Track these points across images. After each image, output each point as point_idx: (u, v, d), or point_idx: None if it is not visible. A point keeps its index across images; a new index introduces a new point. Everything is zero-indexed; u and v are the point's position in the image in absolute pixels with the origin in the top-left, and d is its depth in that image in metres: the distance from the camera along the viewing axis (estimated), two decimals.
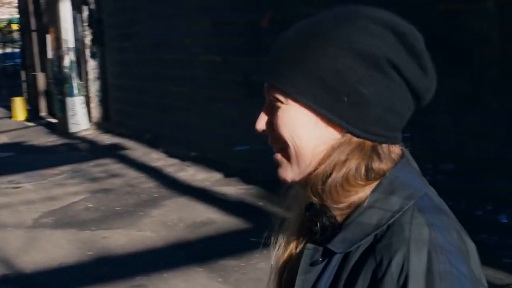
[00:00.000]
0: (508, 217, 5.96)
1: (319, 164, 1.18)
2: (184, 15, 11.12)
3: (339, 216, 1.18)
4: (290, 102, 1.18)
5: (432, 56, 1.18)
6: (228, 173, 9.24)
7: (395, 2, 6.42)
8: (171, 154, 10.98)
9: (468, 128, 6.03)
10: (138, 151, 11.82)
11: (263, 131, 1.25)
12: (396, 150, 1.21)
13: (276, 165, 1.25)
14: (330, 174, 1.17)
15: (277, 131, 1.21)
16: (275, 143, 1.23)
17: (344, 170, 1.16)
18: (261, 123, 1.24)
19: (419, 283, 1.06)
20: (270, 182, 8.37)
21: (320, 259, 1.19)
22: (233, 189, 8.51)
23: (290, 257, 1.32)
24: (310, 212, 1.25)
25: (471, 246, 1.15)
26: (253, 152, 9.82)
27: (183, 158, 10.56)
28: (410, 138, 1.30)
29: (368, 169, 1.17)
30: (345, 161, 1.16)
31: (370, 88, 1.13)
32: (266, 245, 5.30)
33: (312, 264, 1.20)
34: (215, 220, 7.20)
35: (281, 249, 1.34)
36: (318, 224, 1.22)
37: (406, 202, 1.14)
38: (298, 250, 1.30)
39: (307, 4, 8.23)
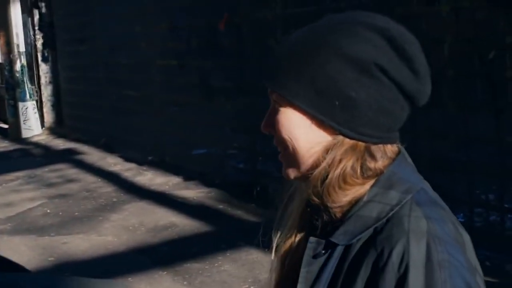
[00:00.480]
0: (465, 216, 6.11)
1: (316, 165, 1.26)
2: (139, 19, 11.07)
3: (339, 213, 1.26)
4: (287, 105, 1.25)
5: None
6: (187, 177, 9.24)
7: (354, 8, 6.55)
8: (127, 159, 10.92)
9: (425, 129, 6.17)
10: (94, 155, 11.72)
11: (268, 132, 1.31)
12: (392, 148, 1.29)
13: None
14: (327, 175, 1.24)
15: (277, 132, 1.29)
16: (278, 144, 1.32)
17: (339, 170, 1.23)
18: (265, 124, 1.31)
19: (419, 272, 1.13)
20: (229, 185, 8.45)
21: (323, 252, 1.26)
22: (192, 192, 8.52)
23: (291, 248, 1.39)
24: (311, 207, 1.32)
25: (467, 237, 1.22)
26: (210, 156, 9.85)
27: (140, 162, 10.51)
28: None
29: (363, 168, 1.24)
30: (340, 161, 1.24)
31: (359, 91, 1.20)
32: (229, 247, 5.40)
33: (315, 256, 1.27)
34: (177, 223, 7.21)
35: (282, 241, 1.41)
36: (319, 219, 1.30)
37: (404, 196, 1.21)
38: (298, 242, 1.38)
39: (264, 7, 8.32)
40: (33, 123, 15.09)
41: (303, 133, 1.25)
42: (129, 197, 8.59)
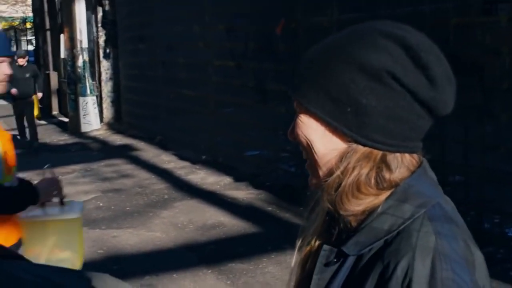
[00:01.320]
0: None
1: (331, 172, 1.28)
2: (198, 19, 11.22)
3: (353, 222, 1.27)
4: (305, 112, 1.29)
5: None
6: (238, 178, 9.33)
7: (409, 17, 6.53)
8: (181, 157, 11.08)
9: (477, 140, 6.11)
10: (149, 152, 11.92)
11: (293, 139, 1.35)
12: (412, 159, 1.28)
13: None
14: (341, 183, 1.26)
15: (296, 138, 1.33)
16: (303, 152, 1.35)
17: (352, 178, 1.24)
18: (290, 131, 1.35)
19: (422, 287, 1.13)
20: (279, 188, 8.50)
21: (335, 260, 1.28)
22: (242, 193, 8.60)
23: (310, 254, 1.41)
24: (329, 215, 1.35)
25: (479, 257, 1.21)
26: (263, 158, 9.92)
27: (194, 161, 10.66)
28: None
29: (378, 178, 1.25)
30: (353, 169, 1.24)
31: (370, 98, 1.21)
32: (275, 249, 5.44)
33: (328, 264, 1.30)
34: (225, 223, 7.29)
35: (304, 248, 1.44)
36: (336, 227, 1.32)
37: (417, 210, 1.21)
38: (317, 249, 1.39)
39: (319, 14, 8.34)
40: (93, 118, 15.42)
41: (319, 140, 1.28)
42: (181, 194, 8.72)
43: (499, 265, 5.57)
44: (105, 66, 15.69)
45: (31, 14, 27.14)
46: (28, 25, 36.25)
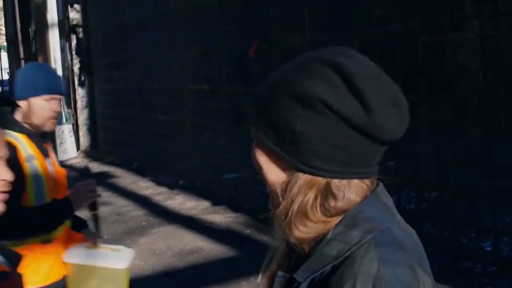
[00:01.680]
0: (492, 245, 6.05)
1: (281, 199, 1.29)
2: (172, 44, 11.25)
3: (306, 248, 1.29)
4: (257, 140, 1.32)
5: (411, 87, 1.26)
6: (216, 201, 9.31)
7: (379, 36, 6.60)
8: (159, 183, 11.04)
9: (450, 156, 6.15)
10: (126, 179, 11.87)
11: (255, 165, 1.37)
12: (361, 184, 1.29)
13: None
14: (288, 211, 1.27)
15: (255, 166, 1.35)
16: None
17: (297, 206, 1.25)
18: (253, 159, 1.37)
19: None
20: (257, 210, 8.48)
21: (290, 287, 1.29)
22: (220, 217, 8.58)
23: (271, 282, 1.42)
24: (287, 243, 1.36)
25: (427, 282, 1.22)
26: (240, 180, 9.91)
27: (171, 186, 10.62)
28: (393, 167, 1.39)
29: (324, 206, 1.25)
30: (297, 196, 1.25)
31: (305, 125, 1.22)
32: (253, 272, 5.41)
33: None
34: (203, 248, 7.26)
35: (266, 273, 1.45)
36: (293, 255, 1.34)
37: (365, 236, 1.22)
38: (275, 277, 1.39)
39: (292, 35, 8.40)
40: (69, 146, 15.34)
41: (267, 167, 1.30)
42: (158, 221, 8.68)
43: (477, 280, 5.60)
44: (80, 93, 15.64)
45: (5, 44, 27.05)
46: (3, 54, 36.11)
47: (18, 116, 3.19)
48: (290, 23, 8.53)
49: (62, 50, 15.72)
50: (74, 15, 15.61)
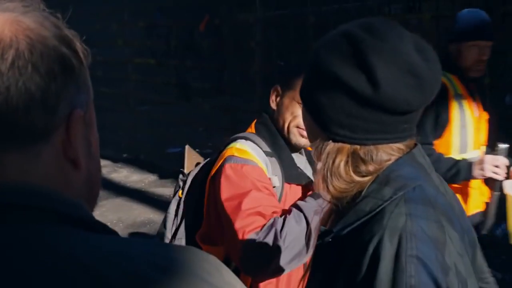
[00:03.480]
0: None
1: (318, 162, 1.43)
2: (116, 16, 11.11)
3: (345, 205, 1.41)
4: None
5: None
6: (162, 175, 9.29)
7: (335, 14, 6.69)
8: (102, 156, 10.83)
9: None
10: None
11: None
12: (393, 147, 1.38)
13: None
14: (324, 172, 1.39)
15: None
16: None
17: (330, 167, 1.38)
18: None
19: (388, 265, 1.24)
20: None
21: (330, 240, 1.41)
22: (169, 190, 8.57)
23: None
24: (333, 203, 1.47)
25: (453, 237, 1.31)
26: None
27: (115, 159, 10.54)
28: None
29: (356, 169, 1.37)
30: (329, 159, 1.38)
31: (323, 97, 1.36)
32: None
33: (324, 243, 1.44)
34: (155, 220, 7.28)
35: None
36: (335, 213, 1.48)
37: (396, 193, 1.33)
38: None
39: (244, 10, 8.44)
40: None
41: (308, 134, 1.49)
42: (106, 193, 8.61)
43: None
44: None
45: None
46: None
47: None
48: None
49: None
50: None
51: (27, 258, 0.78)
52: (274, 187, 2.33)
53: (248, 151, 2.33)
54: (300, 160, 2.51)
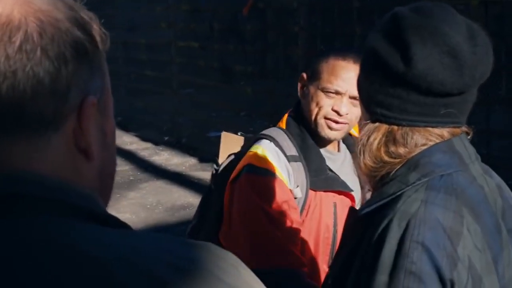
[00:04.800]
0: None
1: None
2: (161, 0, 11.11)
3: (374, 186, 1.43)
4: None
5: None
6: (203, 159, 9.29)
7: None
8: (144, 138, 10.99)
9: None
10: None
11: None
12: (430, 132, 1.36)
13: None
14: (361, 146, 1.41)
15: None
16: None
17: (366, 143, 1.39)
18: None
19: (392, 248, 1.25)
20: None
21: (358, 218, 1.44)
22: (208, 174, 8.51)
23: None
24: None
25: (473, 230, 1.27)
26: None
27: (157, 142, 10.58)
28: None
29: (388, 149, 1.36)
30: (365, 136, 1.39)
31: (366, 75, 1.41)
32: None
33: (352, 221, 1.50)
34: (194, 204, 7.26)
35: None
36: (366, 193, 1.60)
37: (421, 178, 1.31)
38: None
39: None
40: None
41: (361, 113, 1.52)
42: (146, 176, 8.66)
43: None
44: None
45: None
46: None
47: None
48: None
49: None
50: None
51: (26, 250, 0.74)
52: (295, 198, 2.14)
53: (269, 159, 2.14)
54: (335, 157, 2.28)
